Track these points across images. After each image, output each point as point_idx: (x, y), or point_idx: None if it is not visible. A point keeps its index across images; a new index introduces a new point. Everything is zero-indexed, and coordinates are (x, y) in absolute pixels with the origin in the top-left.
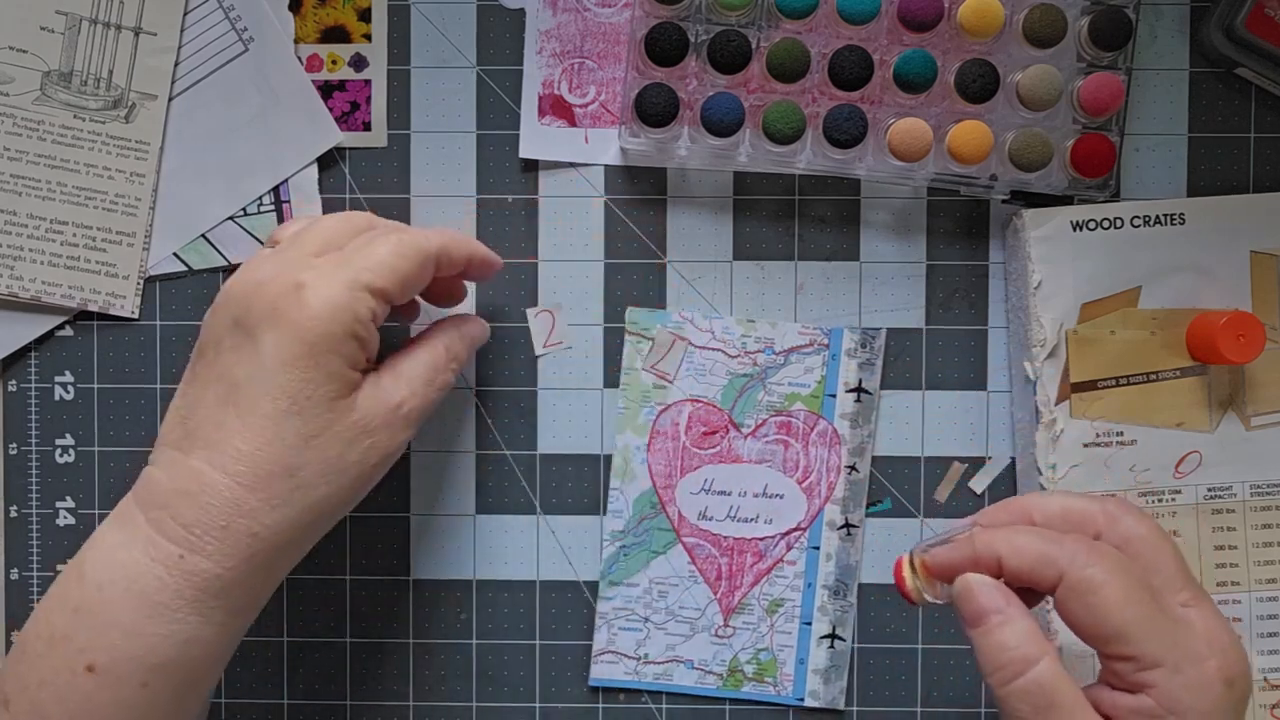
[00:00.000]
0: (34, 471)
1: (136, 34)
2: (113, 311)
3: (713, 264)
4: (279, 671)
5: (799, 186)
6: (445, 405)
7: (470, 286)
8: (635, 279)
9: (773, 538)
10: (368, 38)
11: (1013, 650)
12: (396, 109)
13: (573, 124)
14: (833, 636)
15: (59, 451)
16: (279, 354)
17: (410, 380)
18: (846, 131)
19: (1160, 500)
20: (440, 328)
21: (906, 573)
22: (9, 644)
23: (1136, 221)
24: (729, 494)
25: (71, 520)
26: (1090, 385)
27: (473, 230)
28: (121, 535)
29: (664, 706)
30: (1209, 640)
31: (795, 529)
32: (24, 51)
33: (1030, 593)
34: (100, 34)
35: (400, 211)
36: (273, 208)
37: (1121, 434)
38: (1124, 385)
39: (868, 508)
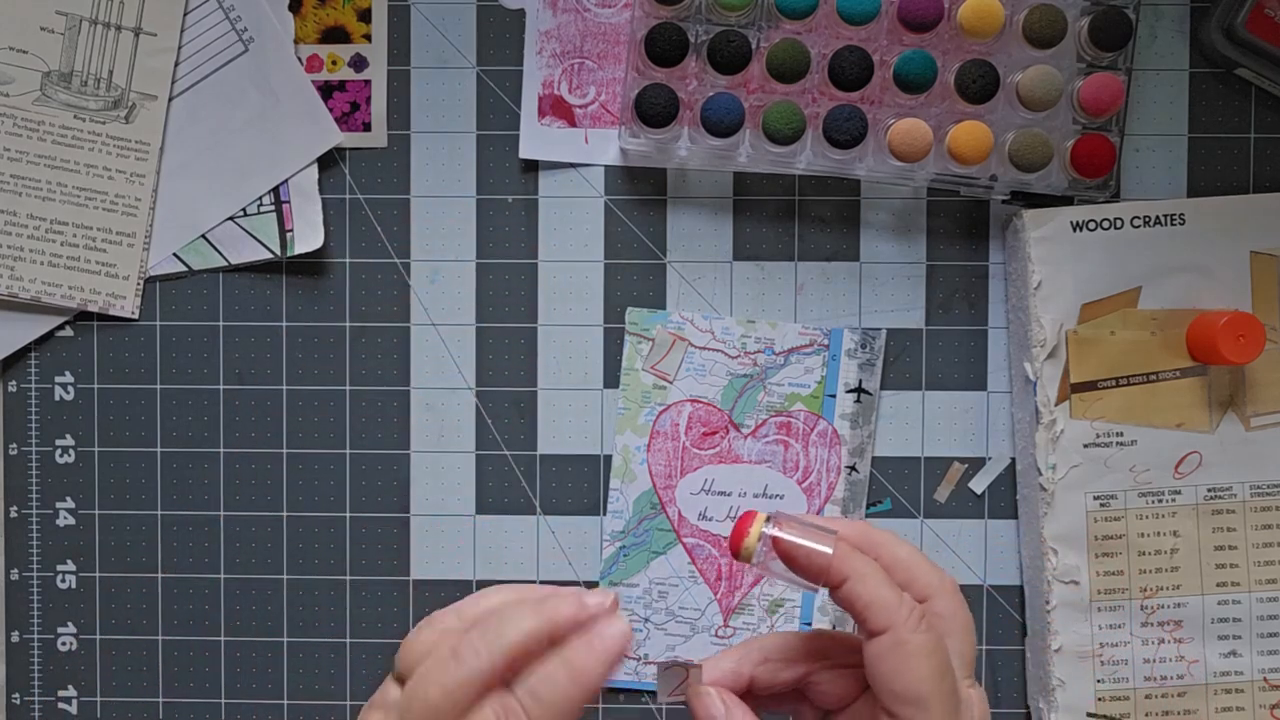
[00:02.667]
0: (34, 471)
1: (136, 34)
2: (113, 312)
3: (713, 264)
4: (279, 671)
5: (799, 187)
6: (445, 405)
7: (470, 288)
8: (635, 279)
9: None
10: (368, 38)
11: None
12: (396, 109)
13: (573, 124)
14: None
15: (59, 451)
16: None
17: None
18: (846, 132)
19: (1160, 500)
20: (524, 678)
21: (753, 531)
22: (9, 644)
23: (1136, 222)
24: (729, 494)
25: (71, 520)
26: (1090, 385)
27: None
28: None
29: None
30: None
31: None
32: (24, 52)
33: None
34: (100, 34)
35: (400, 211)
36: (273, 208)
37: (1121, 434)
38: (1124, 385)
39: (868, 508)
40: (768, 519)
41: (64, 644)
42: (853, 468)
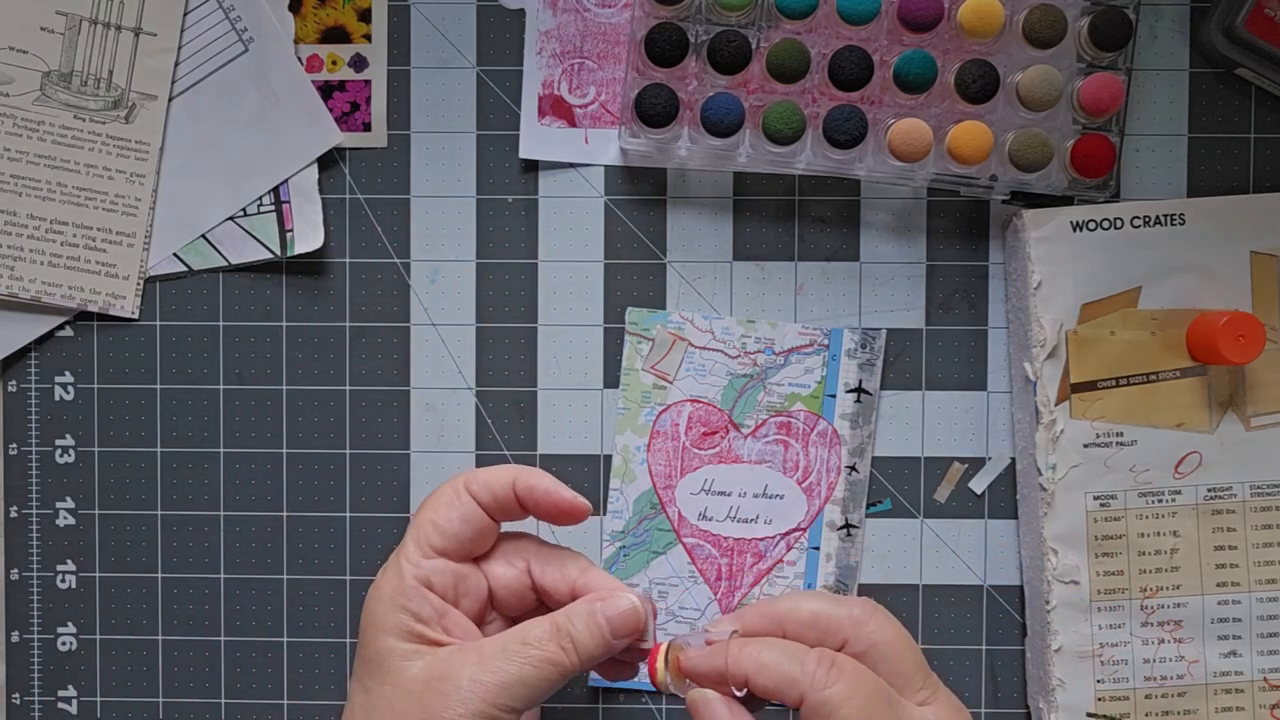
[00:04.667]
0: (34, 471)
1: (136, 34)
2: (113, 312)
3: (713, 264)
4: (279, 671)
5: (799, 187)
6: (445, 405)
7: (470, 288)
8: (635, 279)
9: (773, 538)
10: (368, 38)
11: None
12: (396, 109)
13: (573, 124)
14: None
15: (59, 451)
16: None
17: (483, 653)
18: (846, 132)
19: (1160, 500)
20: (574, 604)
21: (659, 664)
22: (9, 644)
23: (1136, 222)
24: (729, 494)
25: (71, 520)
26: (1090, 385)
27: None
28: None
29: (664, 707)
30: None
31: (795, 529)
32: (24, 52)
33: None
34: (100, 34)
35: (400, 211)
36: (273, 208)
37: (1121, 434)
38: (1124, 385)
39: (868, 508)
40: (667, 648)
41: (64, 644)
42: (853, 468)
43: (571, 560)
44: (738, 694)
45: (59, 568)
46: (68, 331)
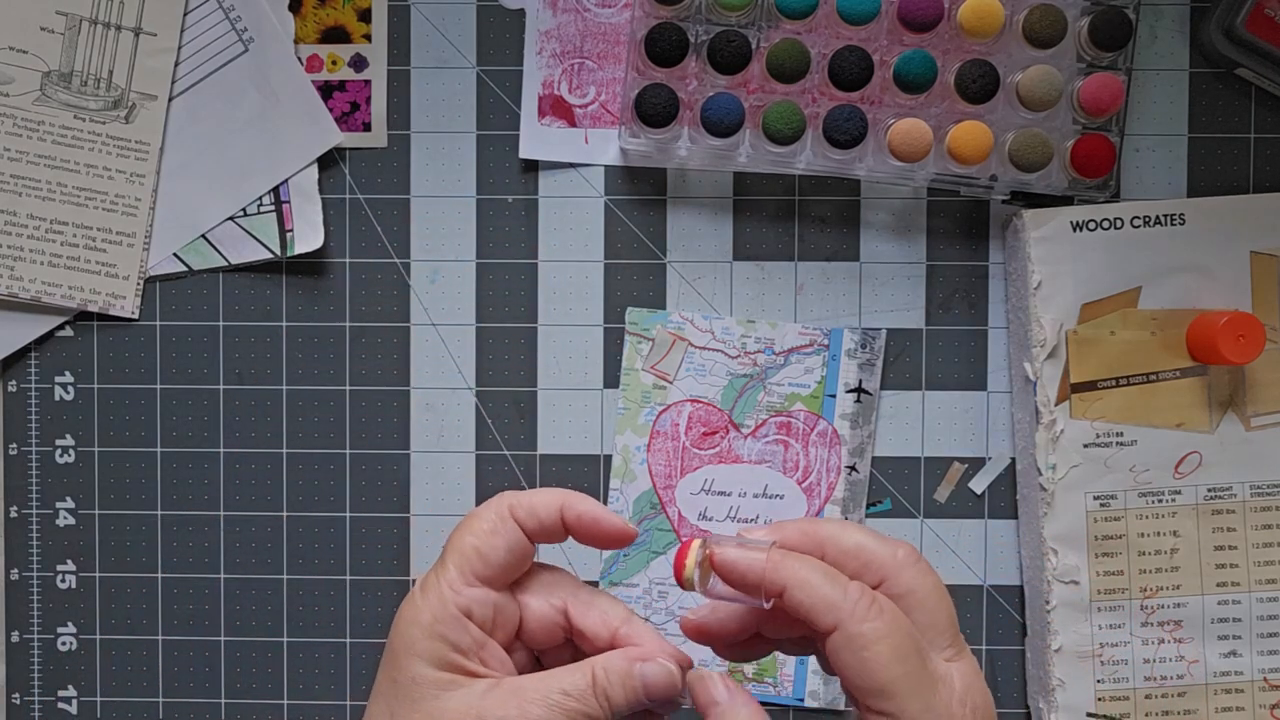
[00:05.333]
0: (34, 471)
1: (136, 34)
2: (113, 312)
3: (713, 264)
4: (279, 671)
5: (799, 187)
6: (445, 405)
7: (470, 288)
8: (635, 279)
9: None
10: (368, 38)
11: None
12: (396, 109)
13: (573, 124)
14: None
15: (59, 451)
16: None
17: (522, 698)
18: (846, 132)
19: (1160, 500)
20: (613, 654)
21: (690, 557)
22: (9, 644)
23: (1136, 222)
24: (729, 494)
25: (71, 520)
26: (1090, 385)
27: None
28: None
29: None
30: (964, 697)
31: None
32: (24, 52)
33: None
34: (100, 34)
35: (400, 211)
36: (273, 208)
37: (1121, 434)
38: (1124, 385)
39: (868, 508)
40: (703, 542)
41: (64, 644)
42: (853, 468)
43: (611, 607)
44: (764, 605)
45: (59, 568)
46: (68, 331)
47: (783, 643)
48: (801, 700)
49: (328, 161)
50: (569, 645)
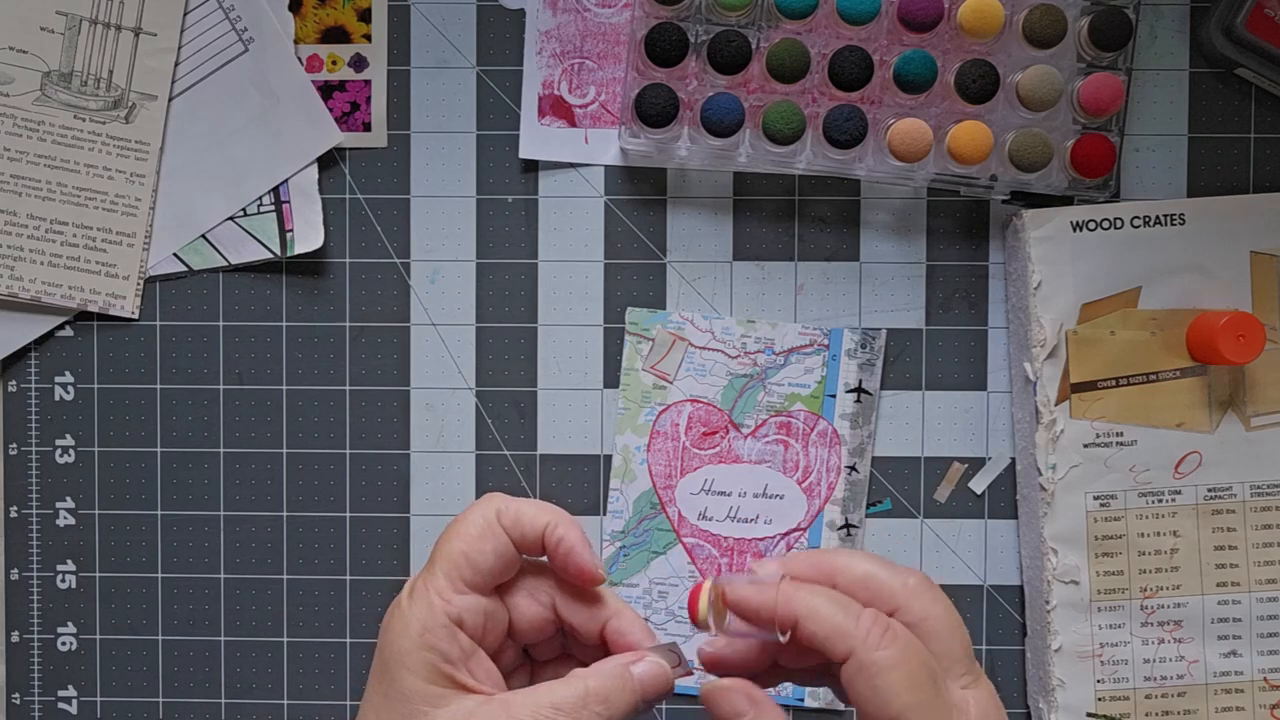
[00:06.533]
0: (34, 471)
1: (136, 34)
2: (113, 312)
3: (713, 264)
4: (279, 671)
5: (799, 186)
6: (445, 405)
7: (470, 288)
8: (635, 279)
9: (773, 538)
10: (368, 38)
11: None
12: (396, 109)
13: (573, 124)
14: None
15: (59, 451)
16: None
17: (512, 713)
18: (846, 132)
19: (1160, 500)
20: (604, 663)
21: (703, 598)
22: (9, 644)
23: (1136, 222)
24: (729, 494)
25: (71, 520)
26: (1090, 385)
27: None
28: None
29: (664, 706)
30: None
31: (795, 529)
32: (24, 52)
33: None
34: (100, 34)
35: (400, 211)
36: (273, 208)
37: (1121, 434)
38: (1124, 385)
39: (868, 508)
40: (714, 582)
41: (64, 644)
42: (853, 468)
43: (599, 598)
44: (781, 638)
45: (59, 568)
46: (68, 331)
47: (801, 672)
48: (801, 700)
49: (328, 161)
50: (559, 636)
